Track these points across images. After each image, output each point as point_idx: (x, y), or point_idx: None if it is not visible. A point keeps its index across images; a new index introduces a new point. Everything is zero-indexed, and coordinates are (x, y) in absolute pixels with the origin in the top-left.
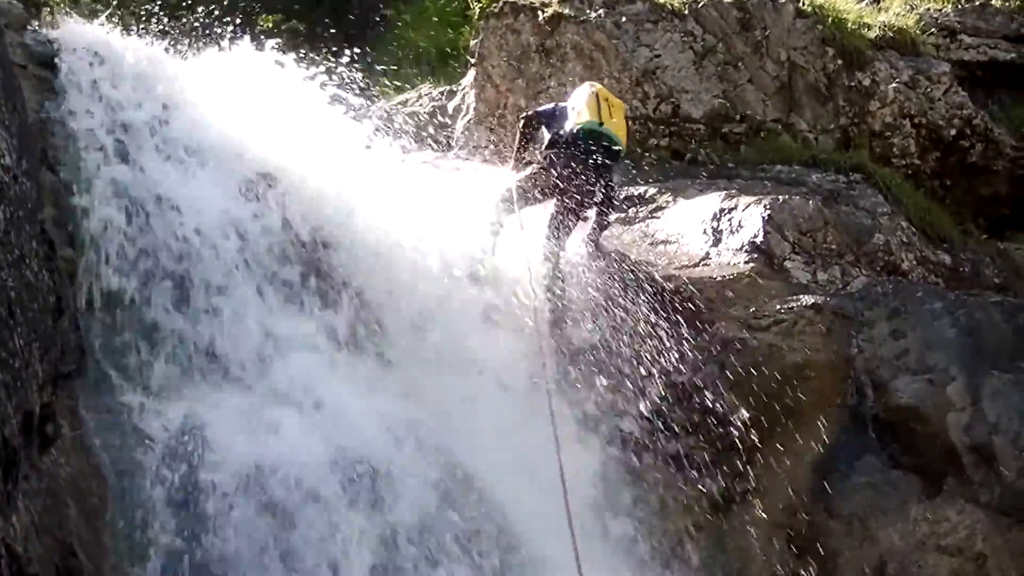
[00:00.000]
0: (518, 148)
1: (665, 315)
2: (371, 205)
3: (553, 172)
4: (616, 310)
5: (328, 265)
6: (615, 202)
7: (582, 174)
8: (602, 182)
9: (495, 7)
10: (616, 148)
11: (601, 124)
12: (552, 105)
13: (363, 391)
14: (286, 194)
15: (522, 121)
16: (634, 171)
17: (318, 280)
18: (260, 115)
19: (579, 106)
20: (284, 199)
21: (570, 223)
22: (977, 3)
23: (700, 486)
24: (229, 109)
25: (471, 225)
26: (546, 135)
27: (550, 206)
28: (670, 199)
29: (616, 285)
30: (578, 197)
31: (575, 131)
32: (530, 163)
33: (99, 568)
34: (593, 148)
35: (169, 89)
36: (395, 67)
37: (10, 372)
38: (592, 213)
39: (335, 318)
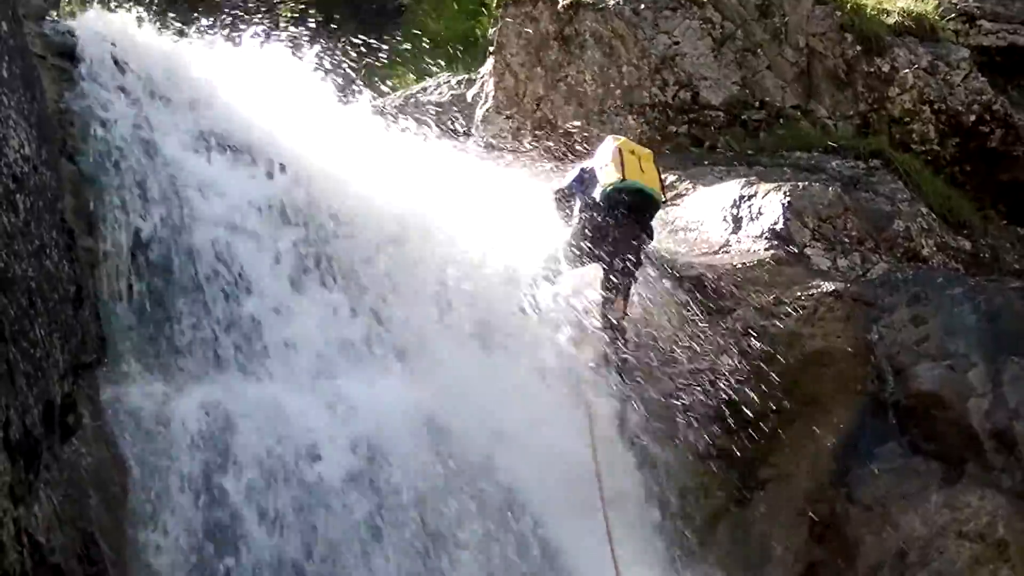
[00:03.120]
0: (561, 216)
1: (686, 303)
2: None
3: (593, 236)
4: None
5: (358, 258)
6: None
7: (623, 234)
8: (645, 237)
9: None
10: (652, 198)
11: (623, 180)
12: (577, 170)
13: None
14: (311, 178)
15: (553, 199)
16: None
17: (344, 270)
18: (295, 113)
19: (605, 166)
20: (310, 183)
21: (621, 283)
22: None
23: (722, 473)
24: (264, 105)
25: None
26: (578, 201)
27: (599, 270)
28: (689, 187)
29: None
30: (625, 257)
31: (606, 192)
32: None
33: (120, 557)
34: (628, 205)
35: (191, 79)
36: (414, 56)
37: (31, 362)
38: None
39: (363, 311)
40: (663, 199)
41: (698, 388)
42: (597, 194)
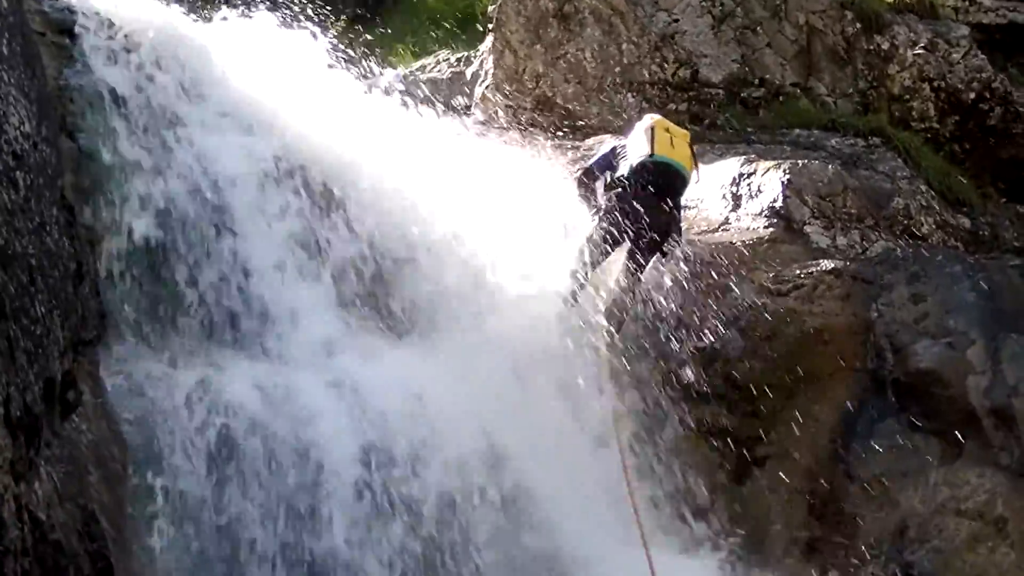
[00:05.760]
0: (584, 199)
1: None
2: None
3: (620, 214)
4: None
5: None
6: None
7: (651, 211)
8: (675, 213)
9: None
10: (683, 175)
11: (652, 155)
12: (608, 149)
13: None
14: (308, 158)
15: (576, 179)
16: None
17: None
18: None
19: (638, 141)
20: (310, 166)
21: (644, 262)
22: None
23: (721, 450)
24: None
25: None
26: (605, 178)
27: (624, 249)
28: None
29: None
30: (651, 234)
31: (635, 166)
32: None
33: (120, 533)
34: (655, 181)
35: (189, 56)
36: (413, 33)
37: (32, 339)
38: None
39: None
40: (695, 177)
41: (697, 365)
42: (624, 170)
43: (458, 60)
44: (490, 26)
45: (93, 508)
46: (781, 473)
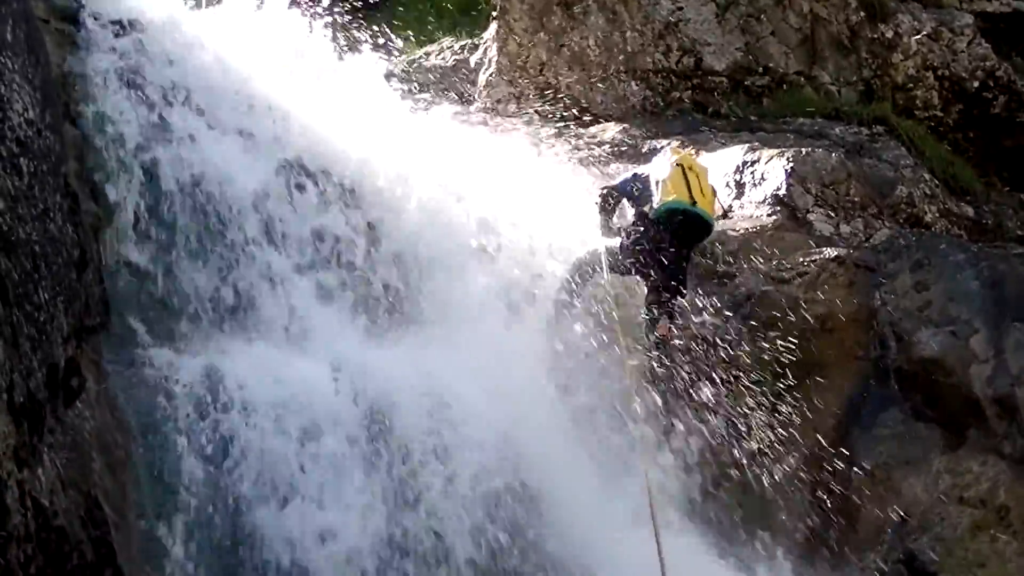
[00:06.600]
0: (602, 219)
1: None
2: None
3: (645, 251)
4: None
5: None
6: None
7: (674, 253)
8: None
9: None
10: (710, 229)
11: (694, 203)
12: (631, 175)
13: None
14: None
15: (599, 197)
16: (656, 125)
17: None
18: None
19: (664, 181)
20: (317, 156)
21: (666, 303)
22: None
23: (724, 438)
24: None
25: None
26: (628, 208)
27: (645, 287)
28: (692, 153)
29: None
30: (675, 277)
31: (667, 210)
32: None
33: (124, 520)
34: (680, 228)
35: (191, 42)
36: (417, 20)
37: (35, 326)
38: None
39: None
40: (714, 228)
41: (700, 352)
42: (655, 207)
43: (462, 48)
44: (494, 14)
45: (96, 494)
46: (784, 461)
